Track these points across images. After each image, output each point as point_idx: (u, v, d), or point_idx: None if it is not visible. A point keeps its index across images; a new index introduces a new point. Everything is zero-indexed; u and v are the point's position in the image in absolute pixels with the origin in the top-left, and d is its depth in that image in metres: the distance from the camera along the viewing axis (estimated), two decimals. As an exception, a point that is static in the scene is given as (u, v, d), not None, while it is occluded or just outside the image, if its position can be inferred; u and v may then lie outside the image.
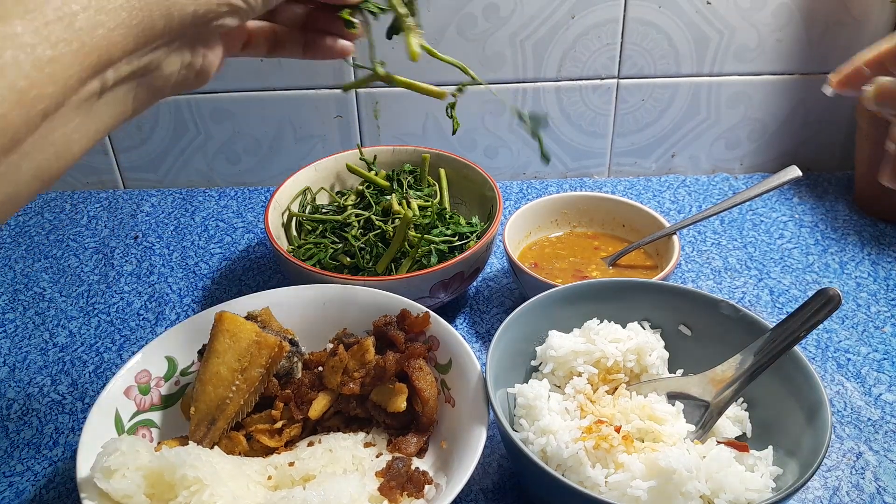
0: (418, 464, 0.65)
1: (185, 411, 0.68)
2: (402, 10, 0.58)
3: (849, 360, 0.80)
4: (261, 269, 0.97)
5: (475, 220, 0.92)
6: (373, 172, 0.96)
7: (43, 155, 0.38)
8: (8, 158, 0.35)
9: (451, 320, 0.84)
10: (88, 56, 0.37)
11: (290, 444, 0.67)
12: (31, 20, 0.36)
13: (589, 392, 0.66)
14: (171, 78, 0.46)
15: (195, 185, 1.15)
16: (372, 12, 0.58)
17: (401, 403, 0.66)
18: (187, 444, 0.63)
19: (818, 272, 0.94)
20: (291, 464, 0.62)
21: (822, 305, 0.61)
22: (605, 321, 0.70)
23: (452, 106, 0.65)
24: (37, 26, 0.36)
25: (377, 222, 0.88)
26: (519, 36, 1.02)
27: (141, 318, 0.89)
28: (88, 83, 0.38)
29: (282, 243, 0.89)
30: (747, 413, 0.66)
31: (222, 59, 0.53)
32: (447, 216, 0.90)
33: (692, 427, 0.63)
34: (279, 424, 0.67)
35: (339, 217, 0.90)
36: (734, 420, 0.65)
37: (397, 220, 0.88)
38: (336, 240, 0.88)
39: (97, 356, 0.84)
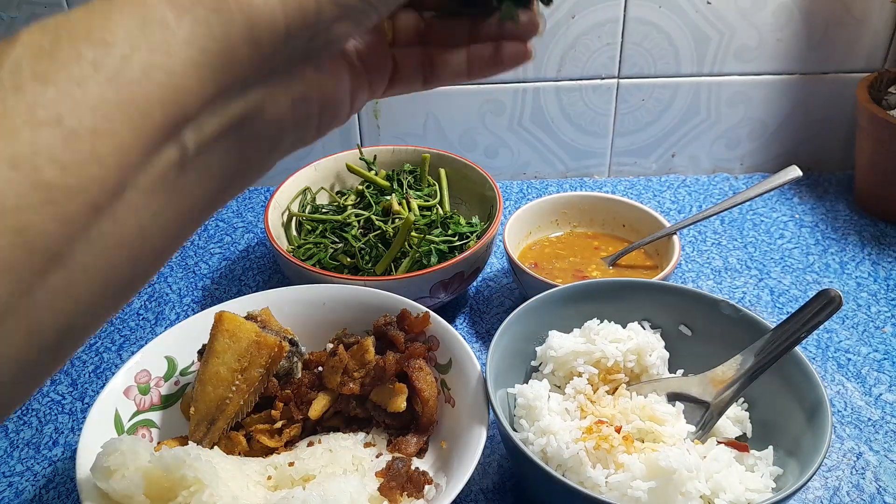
0: (418, 464, 0.65)
1: (184, 411, 0.68)
2: None
3: (849, 360, 0.80)
4: (261, 269, 0.97)
5: (475, 220, 0.92)
6: (373, 172, 0.96)
7: (107, 262, 0.26)
8: (49, 280, 0.24)
9: (451, 320, 0.84)
10: (149, 117, 0.26)
11: (289, 444, 0.67)
12: (56, 80, 0.24)
13: (589, 392, 0.66)
14: (283, 122, 0.33)
15: (195, 184, 1.15)
16: None
17: (401, 403, 0.66)
18: (187, 444, 0.63)
19: (818, 272, 0.94)
20: (291, 464, 0.62)
21: (823, 306, 0.61)
22: (606, 321, 0.70)
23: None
24: (64, 88, 0.24)
25: (377, 222, 0.88)
26: (519, 36, 1.02)
27: (140, 317, 0.89)
28: (159, 153, 0.27)
29: (282, 243, 0.89)
30: (747, 413, 0.66)
31: (357, 92, 0.39)
32: (448, 223, 0.89)
33: (692, 427, 0.63)
34: (279, 424, 0.67)
35: (339, 217, 0.90)
36: (734, 420, 0.65)
37: (397, 220, 0.88)
38: (336, 240, 0.88)
39: (97, 356, 0.84)
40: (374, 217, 0.89)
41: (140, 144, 0.26)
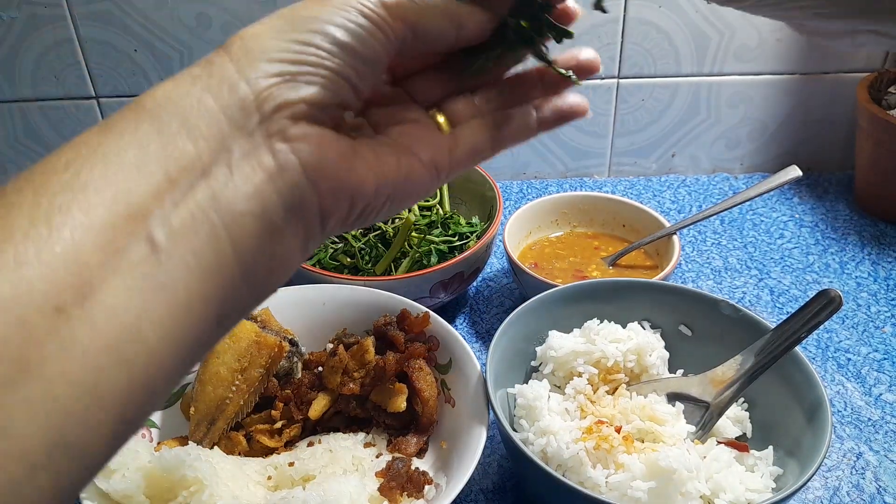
0: (418, 464, 0.65)
1: (184, 411, 0.68)
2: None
3: (849, 360, 0.80)
4: (261, 268, 0.97)
5: (475, 220, 0.92)
6: (373, 172, 0.95)
7: (92, 367, 0.25)
8: (19, 392, 0.23)
9: (451, 320, 0.84)
10: (97, 217, 0.25)
11: (289, 444, 0.67)
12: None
13: (589, 392, 0.66)
14: (249, 180, 0.29)
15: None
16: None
17: (401, 403, 0.66)
18: (187, 444, 0.63)
19: (818, 272, 0.94)
20: (291, 464, 0.62)
21: (823, 306, 0.61)
22: (606, 321, 0.70)
23: None
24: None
25: (377, 222, 0.88)
26: (519, 36, 1.02)
27: (141, 317, 0.89)
28: (124, 252, 0.26)
29: (282, 243, 0.89)
30: (747, 413, 0.66)
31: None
32: (448, 223, 0.89)
33: (692, 427, 0.63)
34: (279, 425, 0.67)
35: (338, 217, 0.90)
36: (734, 420, 0.65)
37: (397, 220, 0.88)
38: (336, 240, 0.88)
39: (97, 356, 0.84)
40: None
41: (92, 244, 0.25)
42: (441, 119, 0.38)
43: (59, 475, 0.24)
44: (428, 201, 0.92)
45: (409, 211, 0.89)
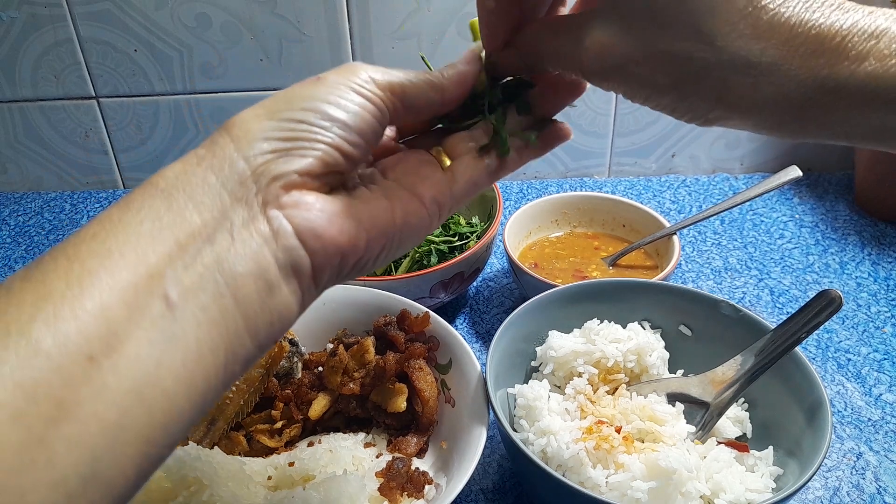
0: (418, 464, 0.65)
1: None
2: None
3: (849, 360, 0.80)
4: (261, 268, 0.97)
5: (475, 220, 0.92)
6: (373, 172, 0.96)
7: (119, 408, 0.28)
8: (61, 430, 0.26)
9: (451, 320, 0.84)
10: (121, 278, 0.30)
11: (290, 444, 0.67)
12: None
13: (589, 392, 0.66)
14: (248, 245, 0.34)
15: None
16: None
17: (401, 404, 0.66)
18: (187, 444, 0.63)
19: (818, 272, 0.94)
20: (291, 464, 0.62)
21: (823, 307, 0.61)
22: (606, 321, 0.70)
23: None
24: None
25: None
26: (519, 36, 1.02)
27: (141, 318, 0.89)
28: (145, 308, 0.30)
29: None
30: (747, 413, 0.66)
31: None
32: (448, 224, 0.89)
33: (692, 428, 0.63)
34: (279, 425, 0.67)
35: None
36: (734, 420, 0.65)
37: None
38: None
39: (97, 356, 0.84)
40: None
41: (118, 301, 0.29)
42: (441, 155, 0.43)
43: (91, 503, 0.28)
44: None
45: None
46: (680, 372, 0.70)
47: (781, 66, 0.34)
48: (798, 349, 0.62)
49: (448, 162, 0.43)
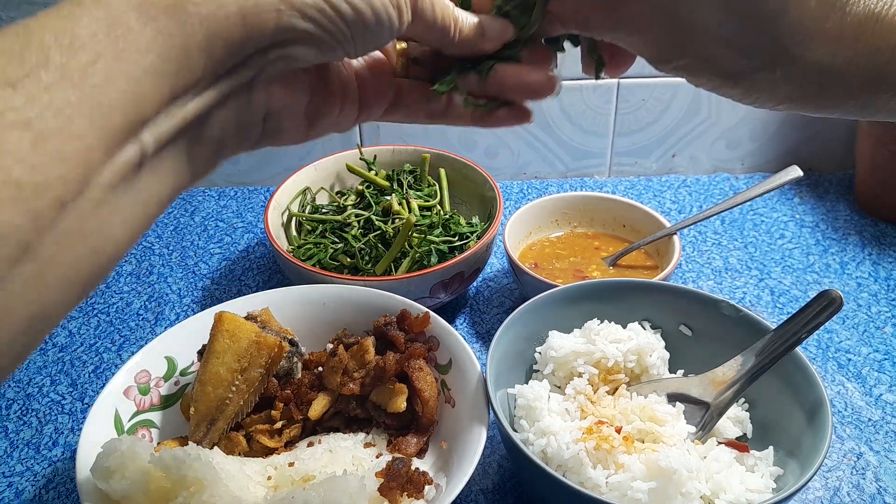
0: (418, 464, 0.65)
1: (184, 411, 0.68)
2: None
3: (849, 360, 0.80)
4: (260, 269, 0.97)
5: (475, 220, 0.92)
6: (373, 172, 0.96)
7: (72, 253, 0.28)
8: (20, 269, 0.26)
9: (451, 320, 0.84)
10: (110, 119, 0.28)
11: (289, 444, 0.67)
12: (25, 85, 0.26)
13: (589, 393, 0.66)
14: (226, 127, 0.34)
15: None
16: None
17: (401, 404, 0.66)
18: (187, 444, 0.63)
19: (819, 272, 0.94)
20: (291, 464, 0.62)
21: (823, 307, 0.61)
22: (606, 321, 0.70)
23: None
24: (33, 92, 0.26)
25: (377, 222, 0.88)
26: (519, 36, 1.02)
27: (140, 318, 0.89)
28: (119, 153, 0.29)
29: (281, 243, 0.89)
30: (748, 413, 0.66)
31: (321, 112, 0.41)
32: (449, 224, 0.89)
33: (693, 428, 0.63)
34: (279, 425, 0.67)
35: (338, 217, 0.90)
36: (734, 420, 0.65)
37: (397, 220, 0.88)
38: (336, 240, 0.88)
39: (96, 356, 0.84)
40: (374, 217, 0.89)
41: (102, 145, 0.28)
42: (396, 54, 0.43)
43: (31, 341, 0.28)
44: (428, 202, 0.92)
45: (410, 211, 0.89)
46: (680, 372, 0.70)
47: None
48: (798, 349, 0.62)
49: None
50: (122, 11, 0.29)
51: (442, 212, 0.91)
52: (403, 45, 0.44)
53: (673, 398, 0.66)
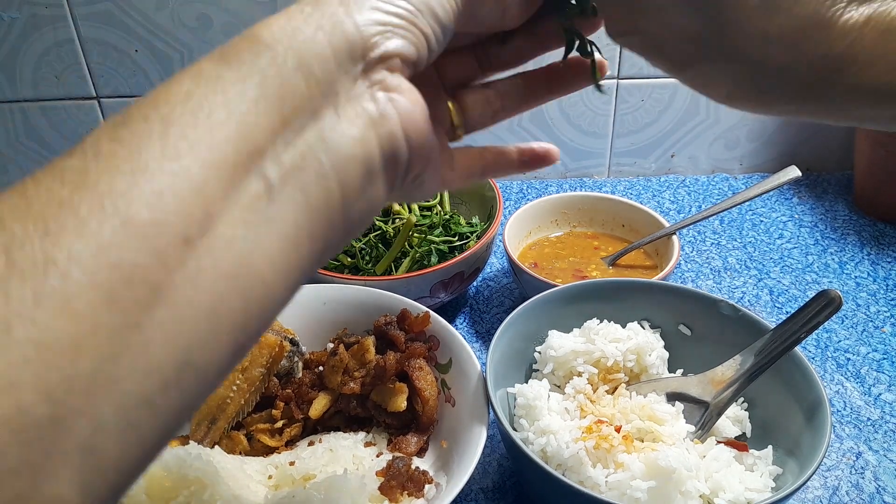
0: (418, 463, 0.65)
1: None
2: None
3: (848, 359, 0.81)
4: (261, 268, 0.97)
5: (475, 220, 0.92)
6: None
7: (213, 294, 0.27)
8: (155, 315, 0.25)
9: (451, 320, 0.84)
10: (219, 153, 0.27)
11: (290, 443, 0.68)
12: (134, 145, 0.26)
13: (589, 392, 0.66)
14: (354, 125, 0.32)
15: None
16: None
17: (401, 403, 0.66)
18: (188, 443, 0.63)
19: (818, 272, 0.94)
20: (292, 463, 0.63)
21: (822, 307, 0.61)
22: (605, 321, 0.70)
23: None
24: (140, 145, 0.26)
25: (377, 222, 0.88)
26: (519, 36, 1.02)
27: (141, 317, 0.89)
28: (242, 186, 0.27)
29: (282, 243, 0.89)
30: (747, 413, 0.66)
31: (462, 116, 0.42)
32: (449, 225, 0.89)
33: (692, 427, 0.63)
34: (280, 424, 0.67)
35: (339, 217, 0.90)
36: (734, 420, 0.65)
37: (398, 220, 0.88)
38: (336, 240, 0.88)
39: (97, 356, 0.84)
40: (374, 217, 0.89)
41: (216, 179, 0.27)
42: (454, 110, 0.42)
43: (185, 393, 0.26)
44: (428, 202, 0.92)
45: (410, 211, 0.89)
46: (679, 371, 0.70)
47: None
48: (797, 349, 0.63)
49: (459, 121, 0.42)
50: (207, 67, 0.29)
51: (442, 212, 0.92)
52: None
53: (672, 397, 0.66)
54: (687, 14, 0.35)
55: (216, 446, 0.64)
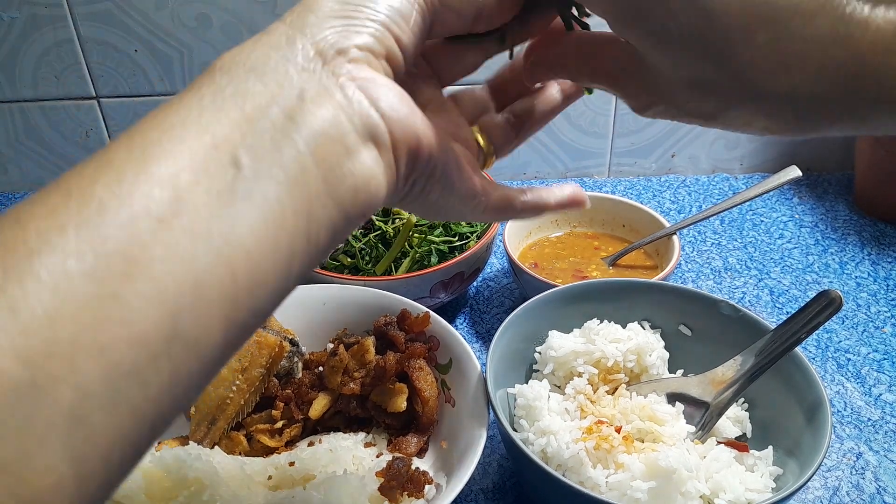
0: (418, 464, 0.65)
1: (185, 411, 0.68)
2: None
3: (849, 360, 0.80)
4: (261, 268, 0.97)
5: (475, 220, 0.92)
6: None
7: (190, 260, 0.27)
8: (133, 287, 0.26)
9: (451, 320, 0.84)
10: (184, 145, 0.29)
11: (290, 444, 0.67)
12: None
13: (589, 392, 0.66)
14: (322, 107, 0.33)
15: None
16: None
17: (401, 403, 0.66)
18: (187, 444, 0.63)
19: (818, 272, 0.94)
20: (292, 464, 0.62)
21: (823, 307, 0.61)
22: (605, 321, 0.70)
23: None
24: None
25: (377, 222, 0.88)
26: (519, 36, 1.02)
27: (141, 317, 0.89)
28: (213, 171, 0.29)
29: (282, 243, 0.89)
30: (747, 413, 0.66)
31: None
32: (449, 225, 0.89)
33: (692, 427, 0.63)
34: (279, 424, 0.67)
35: (339, 217, 0.90)
36: (734, 420, 0.65)
37: (398, 220, 0.88)
38: (336, 240, 0.88)
39: (97, 356, 0.84)
40: (374, 217, 0.89)
41: (185, 167, 0.28)
42: (480, 136, 0.45)
43: (178, 366, 0.26)
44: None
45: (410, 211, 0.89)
46: (680, 372, 0.70)
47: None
48: (798, 349, 0.62)
49: (489, 149, 0.45)
50: (171, 99, 0.31)
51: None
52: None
53: (672, 398, 0.66)
54: (697, 66, 0.34)
55: (216, 447, 0.64)
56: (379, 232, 0.87)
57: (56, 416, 0.23)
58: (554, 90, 0.48)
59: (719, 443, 0.62)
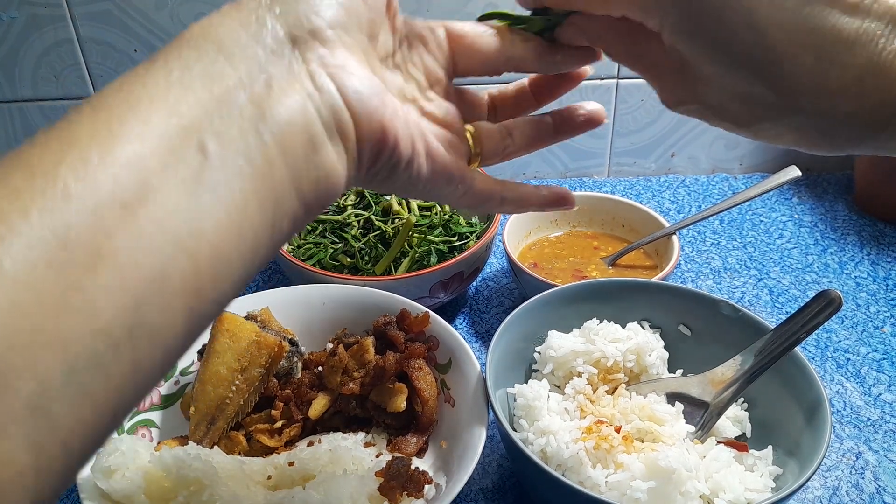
0: (418, 464, 0.65)
1: (184, 411, 0.68)
2: None
3: (848, 359, 0.80)
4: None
5: (475, 220, 0.92)
6: (372, 172, 0.96)
7: (154, 249, 0.27)
8: (96, 278, 0.25)
9: (450, 320, 0.84)
10: (152, 126, 0.28)
11: (289, 444, 0.67)
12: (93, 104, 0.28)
13: (589, 392, 0.66)
14: (290, 97, 0.33)
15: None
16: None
17: (400, 403, 0.66)
18: (187, 443, 0.63)
19: (818, 272, 0.94)
20: (291, 464, 0.62)
21: (822, 307, 0.61)
22: (605, 321, 0.70)
23: None
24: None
25: (377, 222, 0.88)
26: (519, 36, 1.02)
27: (140, 317, 0.89)
28: (180, 157, 0.29)
29: (281, 243, 0.89)
30: (747, 413, 0.66)
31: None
32: (449, 225, 0.89)
33: (692, 427, 0.63)
34: (279, 424, 0.67)
35: (338, 217, 0.90)
36: (734, 420, 0.65)
37: (397, 220, 0.88)
38: (336, 240, 0.88)
39: (97, 356, 0.84)
40: (373, 217, 0.89)
41: (151, 151, 0.28)
42: (470, 137, 0.45)
43: (140, 356, 0.26)
44: (428, 202, 0.92)
45: (410, 211, 0.89)
46: (679, 372, 0.70)
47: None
48: (797, 349, 0.62)
49: (475, 149, 0.46)
50: (138, 68, 0.30)
51: (441, 212, 0.92)
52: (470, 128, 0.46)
53: (672, 398, 0.66)
54: (746, 79, 0.36)
55: (215, 447, 0.64)
56: (378, 232, 0.87)
57: (18, 406, 0.23)
58: (547, 118, 0.49)
59: (719, 442, 0.62)
